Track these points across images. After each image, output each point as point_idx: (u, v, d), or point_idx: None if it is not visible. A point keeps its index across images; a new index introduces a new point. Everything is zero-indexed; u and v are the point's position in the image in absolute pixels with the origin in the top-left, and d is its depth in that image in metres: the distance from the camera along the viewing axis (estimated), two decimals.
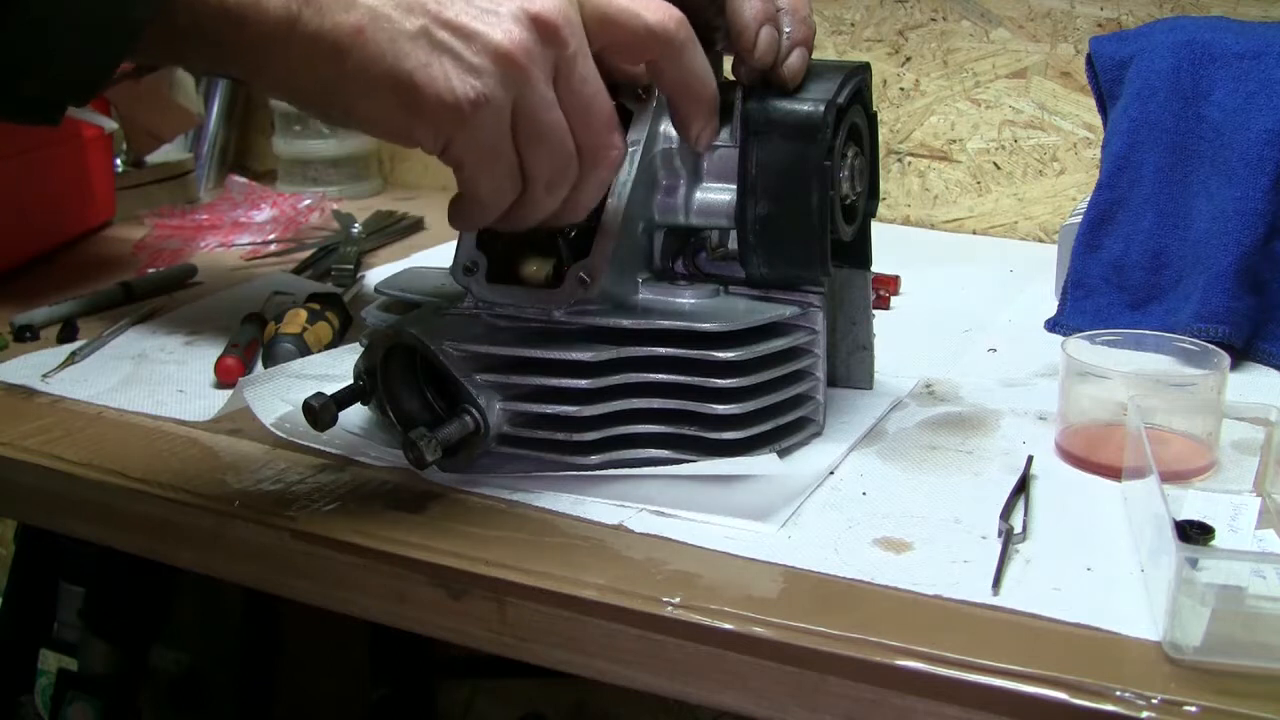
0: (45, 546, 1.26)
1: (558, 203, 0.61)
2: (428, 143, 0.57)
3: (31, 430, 0.73)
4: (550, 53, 0.56)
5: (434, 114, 0.55)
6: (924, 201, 1.23)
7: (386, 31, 0.54)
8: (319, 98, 0.57)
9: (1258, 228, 0.83)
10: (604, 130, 0.59)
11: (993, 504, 0.62)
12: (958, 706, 0.49)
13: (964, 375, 0.81)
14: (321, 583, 0.62)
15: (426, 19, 0.55)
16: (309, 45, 0.53)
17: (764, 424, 0.66)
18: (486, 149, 0.57)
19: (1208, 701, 0.46)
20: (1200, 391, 0.68)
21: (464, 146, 0.57)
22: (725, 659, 0.53)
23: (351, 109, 0.57)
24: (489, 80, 0.55)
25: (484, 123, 0.56)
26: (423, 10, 0.55)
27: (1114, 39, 0.96)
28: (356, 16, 0.54)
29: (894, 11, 1.21)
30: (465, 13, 0.55)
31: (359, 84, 0.55)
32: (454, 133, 0.56)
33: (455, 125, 0.56)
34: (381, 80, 0.55)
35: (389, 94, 0.55)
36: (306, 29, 0.53)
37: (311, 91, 0.56)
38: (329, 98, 0.56)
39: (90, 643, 1.22)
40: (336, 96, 0.56)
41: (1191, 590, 0.48)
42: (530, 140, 0.58)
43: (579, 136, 0.59)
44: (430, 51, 0.55)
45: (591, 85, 0.58)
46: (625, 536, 0.60)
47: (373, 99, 0.55)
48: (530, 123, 0.57)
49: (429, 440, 0.61)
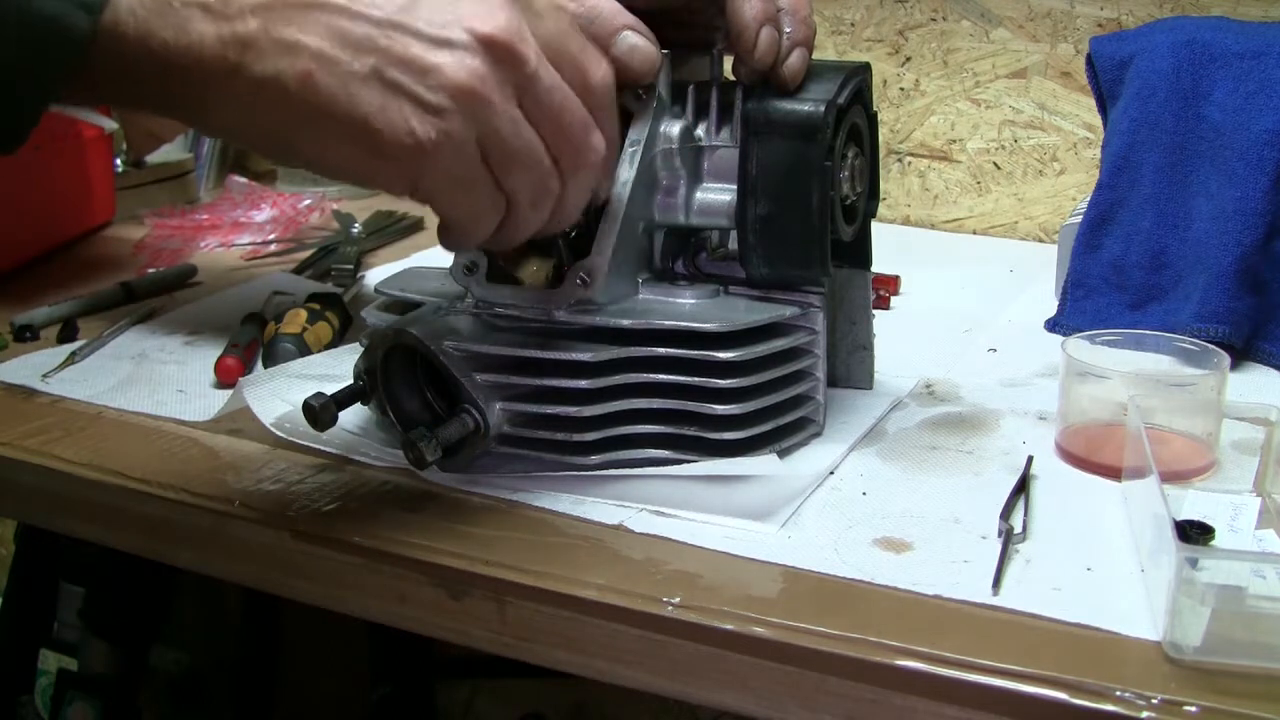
0: (45, 546, 1.26)
1: (546, 215, 0.59)
2: (394, 186, 0.55)
3: (31, 430, 0.73)
4: (510, 74, 0.54)
5: (396, 157, 0.53)
6: (924, 201, 1.23)
7: (336, 75, 0.51)
8: (272, 144, 0.54)
9: (1258, 228, 0.83)
10: (579, 134, 0.57)
11: (993, 504, 0.62)
12: (958, 706, 0.49)
13: (964, 375, 0.81)
14: (321, 583, 0.62)
15: (377, 57, 0.52)
16: (253, 92, 0.51)
17: (764, 424, 0.66)
18: (457, 182, 0.55)
19: (1208, 701, 0.46)
20: (1200, 391, 0.68)
21: (433, 184, 0.55)
22: (725, 659, 0.53)
23: (308, 155, 0.54)
24: (450, 117, 0.53)
25: (449, 159, 0.54)
26: (372, 48, 0.52)
27: (1114, 39, 0.96)
28: (303, 62, 0.51)
29: (894, 11, 1.21)
30: (416, 45, 0.52)
31: (313, 130, 0.52)
32: (419, 173, 0.54)
33: (419, 166, 0.54)
34: (337, 126, 0.52)
35: (346, 140, 0.52)
36: (249, 75, 0.50)
37: (263, 138, 0.54)
38: (283, 144, 0.54)
39: (90, 643, 1.22)
40: (291, 143, 0.54)
41: (1191, 590, 0.48)
42: (504, 165, 0.56)
43: (554, 147, 0.57)
44: (385, 93, 0.52)
45: (557, 93, 0.56)
46: (625, 536, 0.60)
47: (330, 145, 0.53)
48: (501, 149, 0.55)
49: (429, 440, 0.61)
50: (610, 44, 0.61)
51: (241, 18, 0.50)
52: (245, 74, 0.50)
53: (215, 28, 0.49)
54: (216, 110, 0.52)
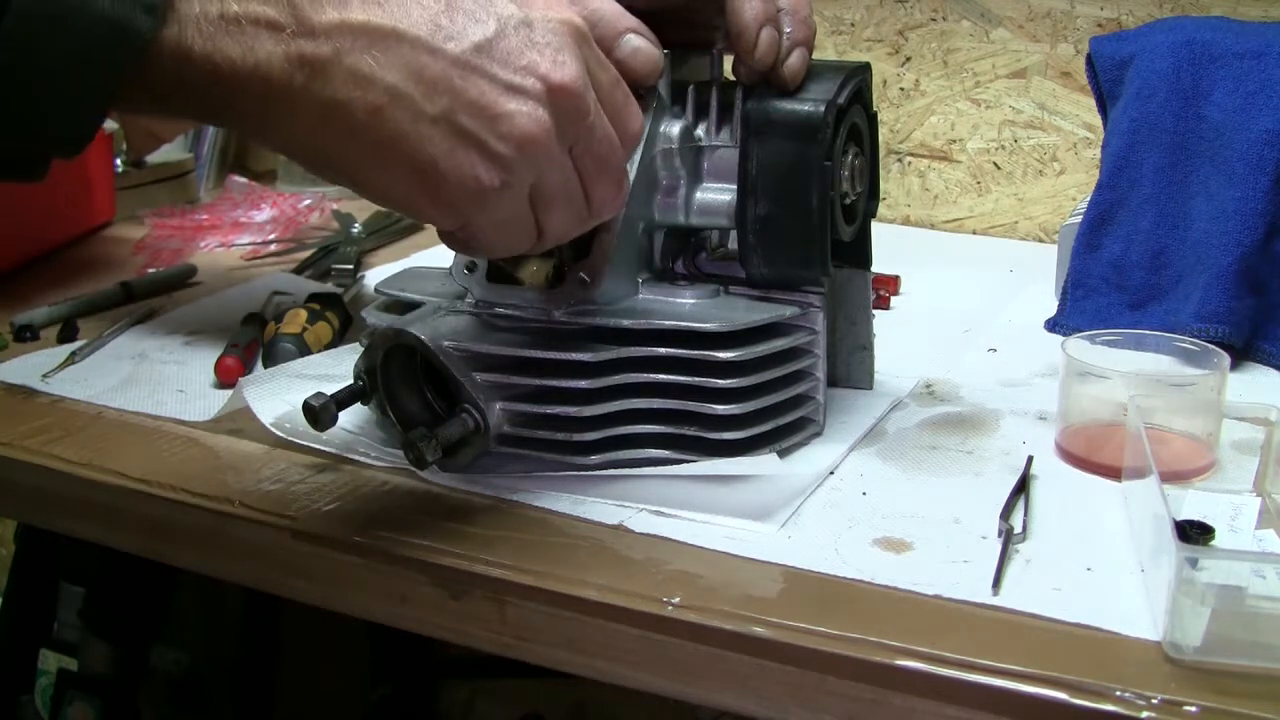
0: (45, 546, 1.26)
1: (567, 240, 0.61)
2: (443, 223, 0.56)
3: (31, 430, 0.73)
4: (570, 124, 0.55)
5: (454, 201, 0.54)
6: (924, 201, 1.23)
7: (408, 112, 0.51)
8: (328, 166, 0.54)
9: (1258, 228, 0.83)
10: (616, 180, 0.59)
11: (993, 504, 0.62)
12: (958, 706, 0.49)
13: (964, 375, 0.81)
14: (321, 583, 0.62)
15: (450, 99, 0.51)
16: (318, 115, 0.50)
17: (764, 424, 0.66)
18: (503, 224, 0.56)
19: (1208, 701, 0.46)
20: (1200, 391, 0.68)
21: (481, 225, 0.56)
22: (725, 659, 0.53)
23: (363, 183, 0.54)
24: (513, 166, 0.53)
25: (505, 203, 0.55)
26: (446, 88, 0.51)
27: (1114, 39, 0.96)
28: (375, 95, 0.50)
29: (894, 11, 1.21)
30: (490, 91, 0.52)
31: (374, 162, 0.52)
32: (473, 215, 0.55)
33: (475, 209, 0.54)
34: (400, 163, 0.52)
35: (407, 177, 0.53)
36: (317, 98, 0.50)
37: (320, 159, 0.54)
38: (338, 165, 0.54)
39: (90, 643, 1.22)
40: (349, 169, 0.53)
41: (1191, 590, 0.48)
42: (547, 206, 0.57)
43: (590, 190, 0.58)
44: (453, 137, 0.52)
45: (605, 144, 0.57)
46: (625, 536, 0.60)
47: (389, 178, 0.53)
48: (549, 193, 0.56)
49: (429, 440, 0.61)
50: (613, 47, 0.62)
51: (314, 38, 0.49)
52: (313, 97, 0.49)
53: (284, 47, 0.48)
54: (277, 128, 0.51)
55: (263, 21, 0.48)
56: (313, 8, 0.49)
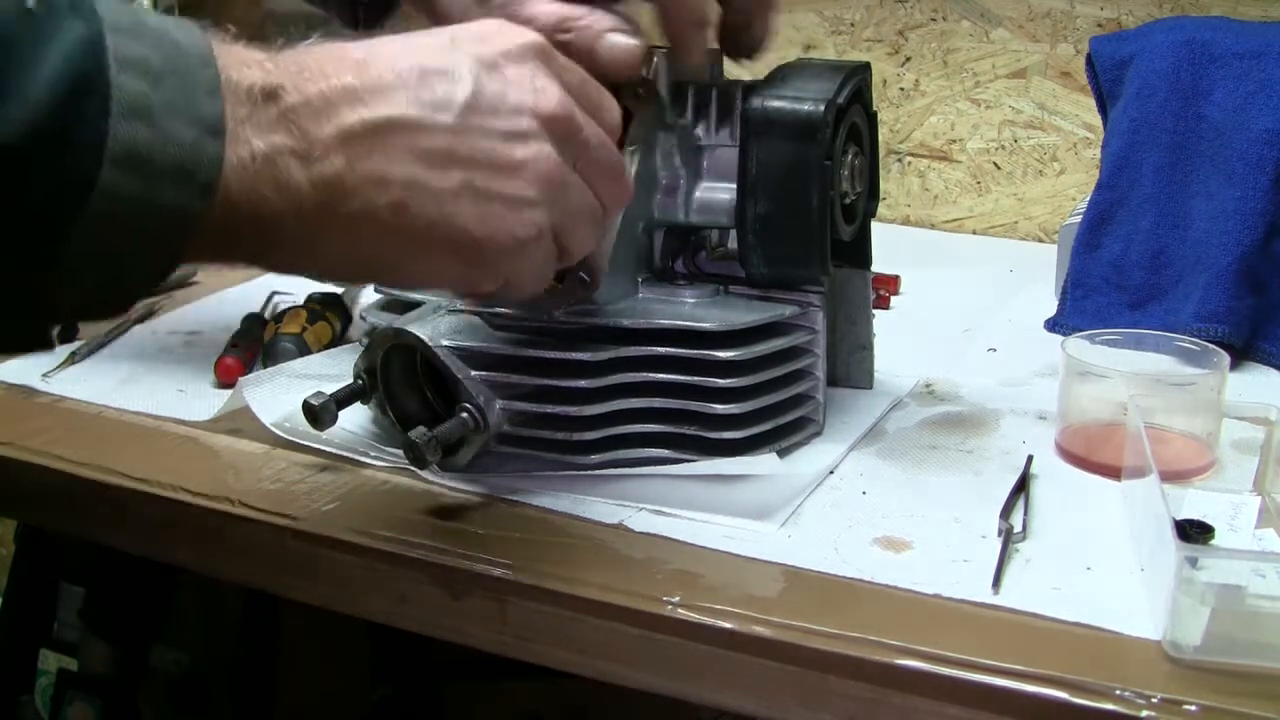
0: (45, 546, 1.26)
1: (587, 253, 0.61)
2: (489, 285, 0.55)
3: (31, 430, 0.73)
4: (570, 145, 0.55)
5: (497, 261, 0.53)
6: (924, 201, 1.23)
7: (429, 196, 0.50)
8: (368, 273, 0.54)
9: (1258, 228, 0.83)
10: (618, 176, 0.59)
11: (993, 504, 0.62)
12: (958, 706, 0.49)
13: (964, 375, 0.81)
14: (321, 583, 0.62)
15: (462, 169, 0.51)
16: (351, 229, 0.49)
17: (764, 424, 0.66)
18: (538, 263, 0.56)
19: (1208, 701, 0.46)
20: (1200, 391, 0.68)
21: (520, 273, 0.55)
22: (725, 659, 0.53)
23: (407, 275, 0.54)
24: (539, 208, 0.53)
25: (541, 246, 0.55)
26: (454, 159, 0.51)
27: (1114, 39, 0.96)
28: (394, 192, 0.49)
29: (894, 11, 1.21)
30: (497, 146, 0.52)
31: (412, 253, 0.52)
32: (513, 268, 0.55)
33: (517, 261, 0.54)
34: (436, 245, 0.52)
35: (447, 255, 0.52)
36: (344, 213, 0.49)
37: (366, 269, 0.54)
38: (379, 270, 0.54)
39: (90, 643, 1.22)
40: (387, 268, 0.53)
41: (1191, 590, 0.48)
42: (572, 228, 0.56)
43: (600, 194, 0.58)
44: (478, 202, 0.52)
45: (601, 148, 0.57)
46: (625, 536, 0.60)
47: (435, 262, 0.53)
48: (571, 218, 0.56)
49: (429, 440, 0.61)
50: (595, 50, 0.61)
51: (326, 157, 0.48)
52: (340, 213, 0.49)
53: (306, 172, 0.48)
54: (316, 254, 0.50)
55: (285, 151, 0.47)
56: (315, 124, 0.48)
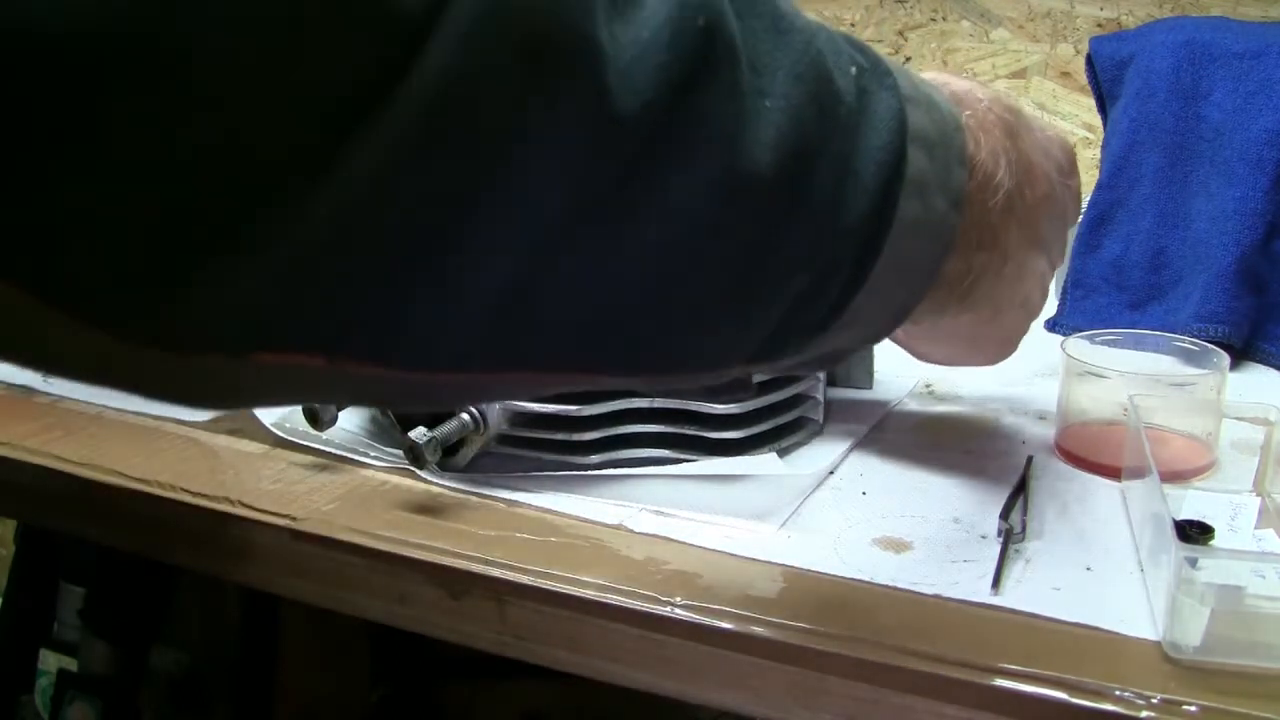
0: (45, 546, 1.26)
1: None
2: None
3: (31, 430, 0.73)
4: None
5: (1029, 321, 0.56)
6: None
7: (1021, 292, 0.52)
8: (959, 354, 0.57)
9: (1258, 228, 0.83)
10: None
11: (993, 504, 0.62)
12: (957, 706, 0.49)
13: (964, 375, 0.81)
14: (321, 583, 0.62)
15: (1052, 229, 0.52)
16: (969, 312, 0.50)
17: (764, 423, 0.66)
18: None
19: (1208, 701, 0.46)
20: (1200, 391, 0.68)
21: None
22: (725, 659, 0.53)
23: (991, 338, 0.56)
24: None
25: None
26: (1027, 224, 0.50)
27: (1114, 39, 0.96)
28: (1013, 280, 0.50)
29: (894, 11, 1.20)
30: (1044, 186, 0.51)
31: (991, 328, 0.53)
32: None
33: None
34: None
35: (1023, 310, 0.54)
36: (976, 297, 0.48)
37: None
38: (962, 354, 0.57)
39: (90, 643, 1.22)
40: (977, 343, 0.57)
41: (1191, 590, 0.48)
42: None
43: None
44: (1032, 250, 0.51)
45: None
46: (625, 536, 0.60)
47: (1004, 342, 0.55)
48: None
49: (429, 440, 0.61)
50: None
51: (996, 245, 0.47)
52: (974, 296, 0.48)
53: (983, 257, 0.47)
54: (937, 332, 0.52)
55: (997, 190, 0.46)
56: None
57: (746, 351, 0.39)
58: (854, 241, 0.38)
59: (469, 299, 0.31)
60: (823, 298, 0.39)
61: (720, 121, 0.33)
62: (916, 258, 0.41)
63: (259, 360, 0.29)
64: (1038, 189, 0.49)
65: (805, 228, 0.37)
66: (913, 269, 0.41)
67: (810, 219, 0.37)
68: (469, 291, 0.31)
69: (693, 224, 0.34)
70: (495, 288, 0.31)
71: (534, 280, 0.32)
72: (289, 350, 0.30)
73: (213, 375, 0.29)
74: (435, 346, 0.32)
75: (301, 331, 0.29)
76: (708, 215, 0.34)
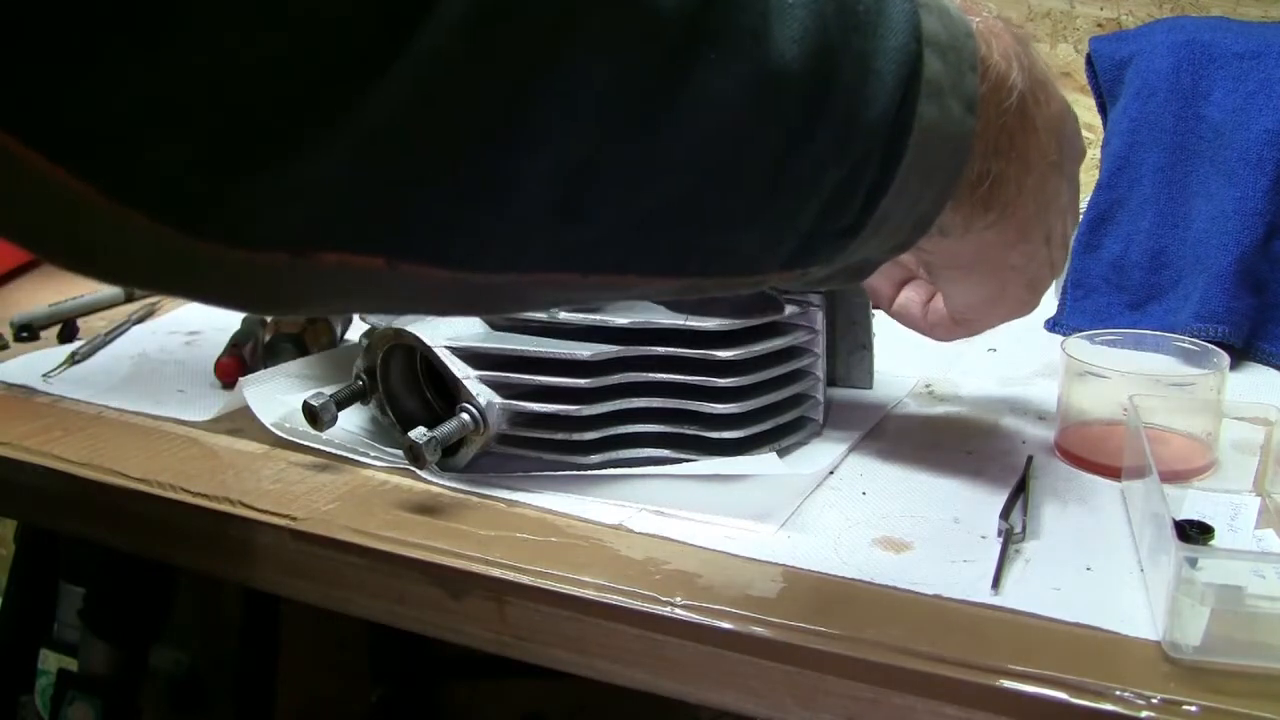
0: (45, 546, 1.26)
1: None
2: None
3: (31, 430, 0.73)
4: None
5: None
6: None
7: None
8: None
9: (1258, 228, 0.83)
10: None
11: (993, 504, 0.62)
12: (957, 706, 0.49)
13: (964, 375, 0.81)
14: (321, 583, 0.62)
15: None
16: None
17: (764, 423, 0.66)
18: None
19: (1208, 701, 0.46)
20: (1200, 391, 0.68)
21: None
22: (725, 659, 0.53)
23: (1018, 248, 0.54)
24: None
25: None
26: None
27: (1114, 39, 0.96)
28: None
29: None
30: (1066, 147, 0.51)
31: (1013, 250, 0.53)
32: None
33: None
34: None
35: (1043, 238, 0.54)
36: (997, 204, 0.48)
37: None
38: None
39: (90, 643, 1.22)
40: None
41: (1191, 590, 0.48)
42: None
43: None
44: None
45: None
46: (625, 536, 0.60)
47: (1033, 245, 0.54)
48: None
49: (429, 440, 0.61)
50: None
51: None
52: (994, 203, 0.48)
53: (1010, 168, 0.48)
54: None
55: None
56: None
57: (781, 256, 0.40)
58: (879, 141, 0.39)
59: (524, 192, 0.32)
60: (851, 200, 0.40)
61: (749, 16, 0.34)
62: (938, 160, 0.41)
63: (321, 261, 0.30)
64: (1052, 102, 0.49)
65: (833, 125, 0.37)
66: (935, 171, 0.42)
67: (836, 116, 0.37)
68: (525, 184, 0.32)
69: (728, 117, 0.35)
70: (549, 178, 0.32)
71: (583, 172, 0.33)
72: (350, 251, 0.31)
73: (277, 276, 0.31)
74: (490, 245, 0.33)
75: (363, 232, 0.31)
76: (741, 107, 0.35)
